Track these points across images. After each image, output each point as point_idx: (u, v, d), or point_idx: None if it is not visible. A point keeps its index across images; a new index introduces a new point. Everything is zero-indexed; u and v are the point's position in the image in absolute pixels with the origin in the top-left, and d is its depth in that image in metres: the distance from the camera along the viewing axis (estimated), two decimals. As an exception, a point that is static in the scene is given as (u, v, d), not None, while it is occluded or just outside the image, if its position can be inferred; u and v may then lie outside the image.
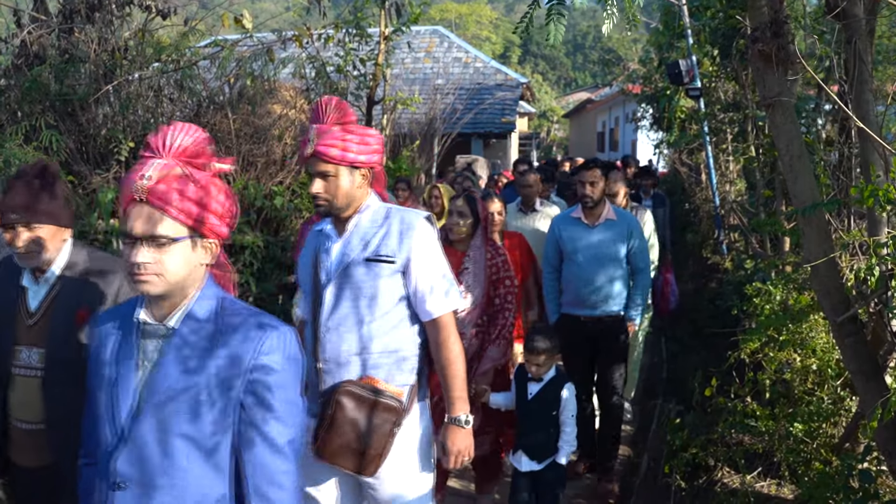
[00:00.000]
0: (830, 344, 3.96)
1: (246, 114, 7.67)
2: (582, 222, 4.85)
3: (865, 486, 2.82)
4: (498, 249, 4.30)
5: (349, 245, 2.65)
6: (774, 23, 2.84)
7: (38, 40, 7.44)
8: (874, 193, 2.35)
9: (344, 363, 2.62)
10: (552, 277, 5.02)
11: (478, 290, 4.12)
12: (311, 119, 2.60)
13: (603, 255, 4.78)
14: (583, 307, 4.86)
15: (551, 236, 5.01)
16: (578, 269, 4.83)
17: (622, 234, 4.81)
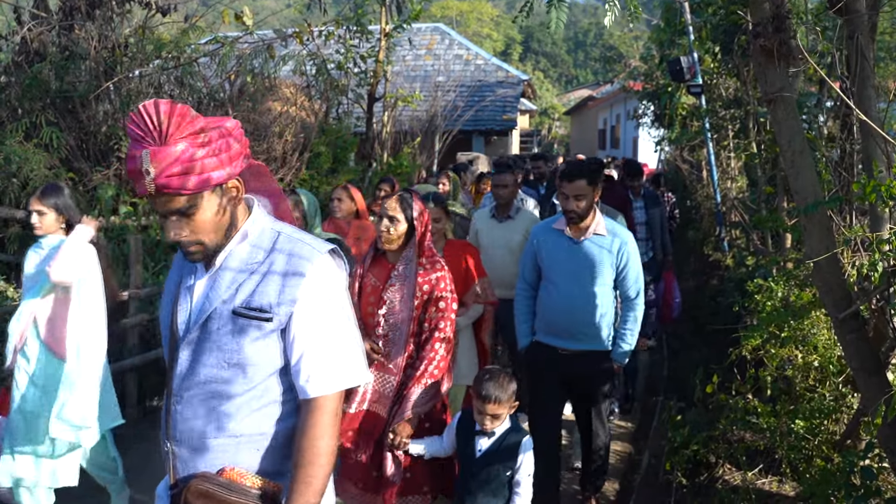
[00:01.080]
0: (832, 340, 3.95)
1: (246, 111, 7.67)
2: (565, 235, 4.06)
3: (867, 483, 2.81)
4: (435, 263, 3.54)
5: (215, 287, 1.95)
6: (776, 18, 2.82)
7: (38, 37, 7.44)
8: (877, 189, 2.34)
9: (198, 448, 1.96)
10: (526, 296, 4.30)
11: (404, 312, 3.43)
12: (136, 139, 1.80)
13: (587, 277, 4.02)
14: (561, 337, 4.07)
15: (529, 248, 4.29)
16: (557, 290, 4.07)
17: (612, 252, 4.01)
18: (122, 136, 7.05)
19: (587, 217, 3.99)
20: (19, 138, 6.77)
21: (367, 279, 3.64)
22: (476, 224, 5.54)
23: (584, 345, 4.04)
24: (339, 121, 9.57)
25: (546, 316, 4.14)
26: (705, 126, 8.76)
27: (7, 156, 6.53)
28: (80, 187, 7.10)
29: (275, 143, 7.74)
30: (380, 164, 9.73)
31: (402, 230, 3.46)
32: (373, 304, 3.54)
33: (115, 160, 7.14)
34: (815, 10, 5.13)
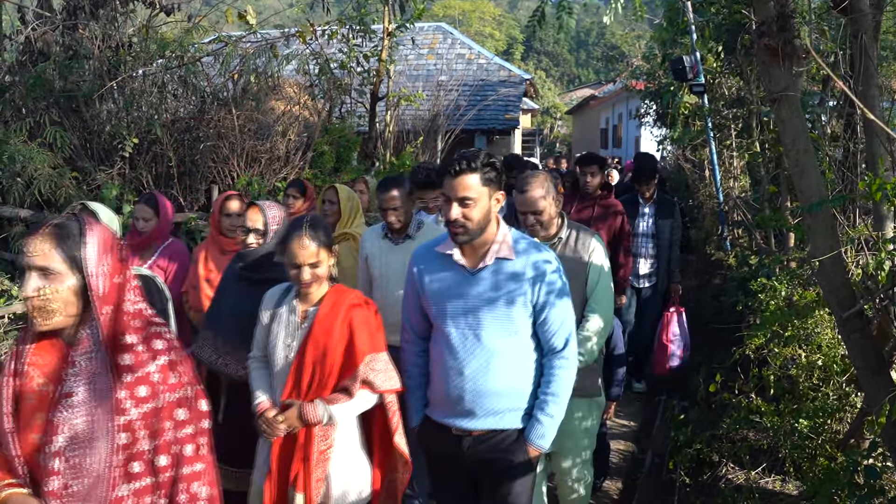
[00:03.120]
0: (836, 340, 3.95)
1: (250, 110, 7.68)
2: (454, 262, 2.89)
3: (871, 483, 2.82)
4: (153, 339, 2.12)
5: None
6: (781, 17, 2.83)
7: (42, 37, 7.46)
8: (882, 187, 2.34)
9: None
10: (415, 350, 3.12)
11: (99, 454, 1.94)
12: None
13: (488, 322, 2.84)
14: (454, 412, 2.94)
15: (409, 280, 3.07)
16: (447, 344, 2.90)
17: (524, 283, 2.83)
18: (125, 135, 7.06)
19: (483, 232, 2.83)
20: (23, 137, 6.79)
21: (25, 378, 1.98)
22: (365, 247, 4.29)
23: (487, 423, 2.91)
24: (343, 120, 9.58)
25: (434, 381, 3.01)
26: (708, 125, 8.75)
27: (11, 155, 6.55)
28: (84, 186, 7.11)
29: (278, 142, 7.74)
30: (383, 163, 9.73)
31: (65, 291, 1.92)
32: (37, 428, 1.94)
33: (119, 159, 7.16)
34: (819, 9, 5.13)
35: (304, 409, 2.85)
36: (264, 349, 3.13)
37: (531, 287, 2.84)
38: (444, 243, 2.94)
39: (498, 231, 2.90)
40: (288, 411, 2.87)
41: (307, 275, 2.92)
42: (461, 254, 2.89)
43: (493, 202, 2.85)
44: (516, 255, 2.86)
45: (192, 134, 7.65)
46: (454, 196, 2.77)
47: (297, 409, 2.86)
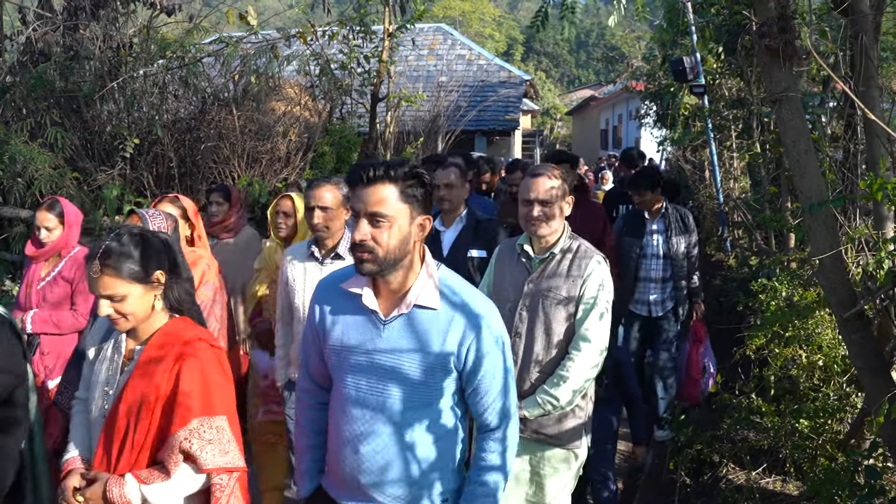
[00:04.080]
0: (836, 340, 3.96)
1: (250, 111, 7.69)
2: (364, 307, 2.27)
3: (871, 483, 2.82)
4: None
5: None
6: (781, 18, 2.83)
7: (43, 37, 7.47)
8: (882, 187, 2.35)
9: None
10: (309, 404, 2.50)
11: None
12: None
13: (398, 388, 2.24)
14: (351, 495, 2.32)
15: (310, 320, 2.42)
16: (344, 409, 2.30)
17: (448, 341, 2.20)
18: (126, 135, 7.07)
19: (398, 266, 2.19)
20: (24, 138, 6.79)
21: None
22: (286, 269, 3.69)
23: None
24: (343, 121, 9.58)
25: (329, 449, 2.38)
26: (708, 126, 8.75)
27: (12, 155, 6.55)
28: (85, 187, 7.12)
29: (279, 142, 7.75)
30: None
31: None
32: None
33: (120, 160, 7.16)
34: (819, 10, 5.14)
35: (109, 486, 2.20)
36: (87, 391, 2.50)
37: (458, 347, 2.20)
38: (352, 278, 2.29)
39: (423, 269, 2.24)
40: (91, 487, 2.23)
41: (105, 309, 2.27)
42: (373, 294, 2.25)
43: (416, 229, 2.18)
44: (444, 303, 2.22)
45: (193, 134, 7.66)
46: (363, 210, 2.13)
47: (101, 484, 2.22)
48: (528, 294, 3.12)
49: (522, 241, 3.22)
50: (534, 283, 3.13)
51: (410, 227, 2.16)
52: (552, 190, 3.10)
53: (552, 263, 3.13)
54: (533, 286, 3.13)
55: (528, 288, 3.13)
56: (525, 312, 3.11)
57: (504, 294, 3.18)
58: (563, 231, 3.18)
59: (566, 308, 3.06)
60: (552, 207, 3.10)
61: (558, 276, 3.10)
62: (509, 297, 3.15)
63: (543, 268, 3.14)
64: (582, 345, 3.02)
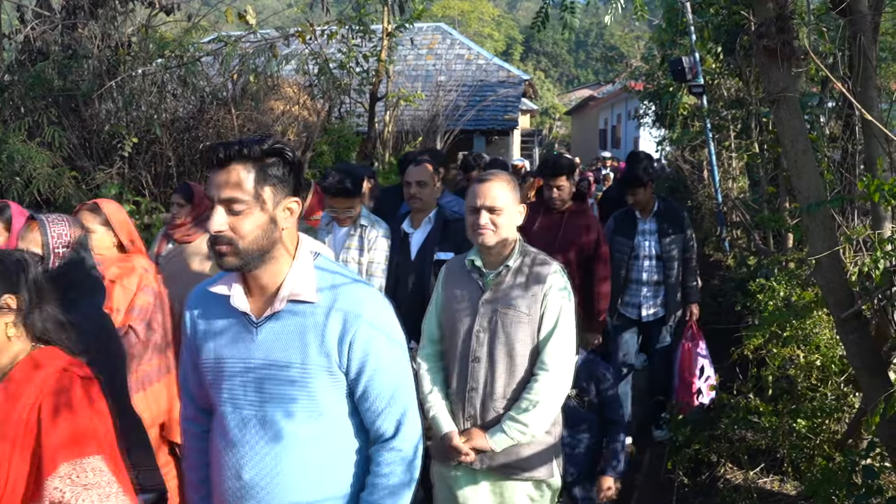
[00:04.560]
0: (834, 340, 3.96)
1: (249, 110, 7.68)
2: (234, 309, 2.00)
3: (868, 482, 2.83)
4: None
5: None
6: (780, 18, 2.84)
7: (41, 36, 7.45)
8: (880, 188, 2.35)
9: None
10: (196, 432, 2.21)
11: None
12: None
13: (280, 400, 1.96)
14: None
15: (184, 335, 2.16)
16: (223, 431, 2.03)
17: (323, 338, 1.94)
18: (124, 134, 7.06)
19: (265, 258, 1.93)
20: (22, 137, 6.78)
21: None
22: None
23: None
24: (342, 120, 9.59)
25: (214, 479, 2.09)
26: (707, 126, 8.76)
27: (10, 154, 6.54)
28: (83, 186, 7.11)
29: (277, 142, 7.75)
30: (382, 163, 9.74)
31: None
32: None
33: (118, 159, 7.15)
34: (817, 10, 5.14)
35: None
36: None
37: (339, 343, 1.91)
38: (221, 279, 2.01)
39: (295, 259, 1.97)
40: None
41: None
42: (244, 294, 1.97)
43: (282, 213, 1.92)
44: (322, 295, 1.94)
45: (192, 133, 7.65)
46: (217, 196, 1.86)
47: None
48: (485, 314, 2.83)
49: (472, 255, 2.92)
50: (489, 301, 2.84)
51: (275, 211, 1.90)
52: (502, 196, 2.81)
53: (507, 278, 2.85)
54: (489, 305, 2.84)
55: (484, 307, 2.84)
56: (483, 334, 2.82)
57: (457, 315, 2.89)
58: (516, 241, 2.91)
59: (528, 326, 2.79)
60: (501, 215, 2.81)
61: (516, 292, 2.82)
62: (463, 319, 2.87)
63: (498, 283, 2.85)
64: (550, 364, 2.76)
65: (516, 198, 2.88)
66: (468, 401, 2.86)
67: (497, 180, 2.85)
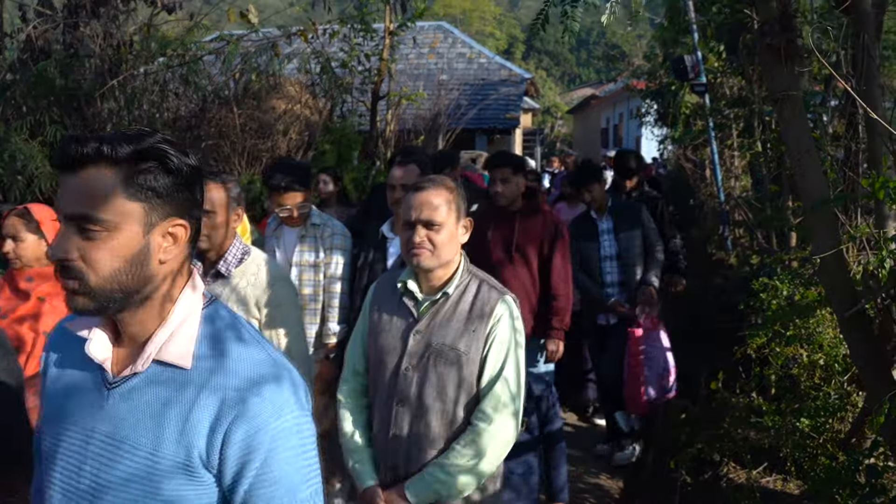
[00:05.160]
0: (837, 339, 3.95)
1: (251, 109, 7.69)
2: (90, 362, 1.41)
3: (872, 482, 2.82)
4: None
5: None
6: (783, 17, 2.83)
7: (43, 35, 7.46)
8: (885, 186, 2.34)
9: None
10: None
11: None
12: None
13: (120, 497, 1.35)
14: None
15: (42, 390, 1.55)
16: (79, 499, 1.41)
17: (195, 423, 1.34)
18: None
19: (135, 299, 1.37)
20: (24, 136, 6.79)
21: None
22: None
23: None
24: (344, 119, 9.58)
25: None
26: (709, 125, 8.75)
27: (12, 153, 6.55)
28: (86, 185, 7.11)
29: (279, 141, 7.74)
30: (383, 162, 9.74)
31: None
32: None
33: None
34: (820, 8, 5.14)
35: None
36: None
37: (209, 434, 1.34)
38: (78, 320, 1.45)
39: (177, 305, 1.41)
40: None
41: None
42: (107, 340, 1.43)
43: (160, 240, 1.37)
44: (201, 361, 1.39)
45: (194, 133, 7.66)
46: (65, 211, 1.32)
47: None
48: (416, 349, 2.39)
49: (405, 277, 2.45)
50: (422, 333, 2.39)
51: (147, 238, 1.34)
52: (441, 209, 2.35)
53: (446, 307, 2.40)
54: (421, 338, 2.39)
55: (415, 340, 2.39)
56: (412, 373, 2.38)
57: (383, 347, 2.45)
58: (459, 264, 2.46)
59: (467, 367, 2.35)
60: (441, 232, 2.35)
61: (455, 325, 2.37)
62: (390, 352, 2.43)
63: (434, 313, 2.40)
64: (492, 415, 2.32)
65: (461, 210, 2.42)
66: (390, 449, 2.41)
67: (435, 189, 2.38)
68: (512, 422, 2.36)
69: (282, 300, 2.84)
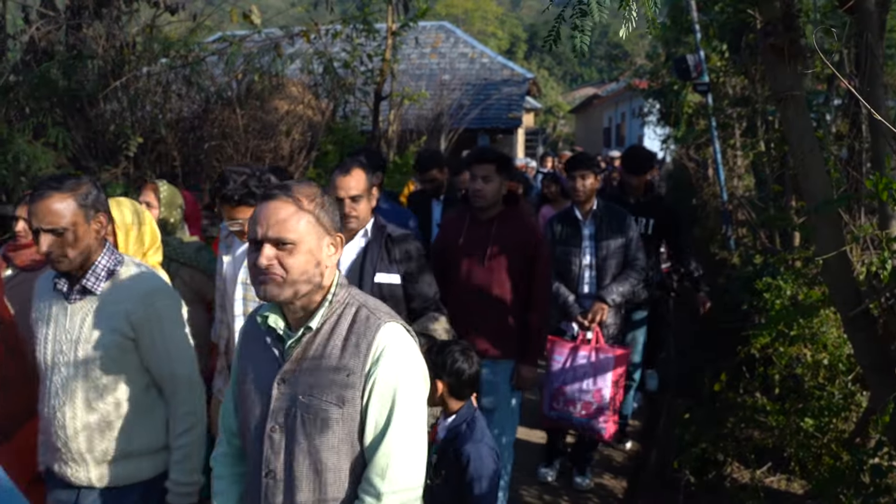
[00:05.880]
0: (841, 339, 3.95)
1: (254, 109, 7.70)
2: None
3: (876, 481, 2.82)
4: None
5: None
6: (786, 17, 2.83)
7: (46, 36, 7.46)
8: (888, 186, 2.34)
9: None
10: None
11: None
12: None
13: None
14: None
15: None
16: None
17: None
18: (129, 134, 7.07)
19: None
20: (28, 137, 6.80)
21: None
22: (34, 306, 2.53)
23: None
24: (346, 119, 9.60)
25: None
26: (712, 124, 8.75)
27: (15, 154, 6.55)
28: (89, 186, 7.12)
29: (282, 141, 7.75)
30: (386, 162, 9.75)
31: None
32: None
33: (123, 159, 7.17)
34: (824, 8, 5.13)
35: None
36: None
37: None
38: None
39: None
40: None
41: None
42: None
43: None
44: None
45: (197, 133, 7.67)
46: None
47: None
48: (280, 404, 1.87)
49: (267, 310, 1.93)
50: (288, 381, 1.86)
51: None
52: (293, 222, 1.81)
53: (314, 347, 1.87)
54: (286, 389, 1.86)
55: (279, 392, 1.87)
56: (278, 435, 1.86)
57: (247, 403, 1.96)
58: (331, 288, 1.91)
59: (343, 423, 1.82)
60: (296, 252, 1.81)
61: (325, 369, 1.84)
62: (254, 410, 1.92)
63: (301, 355, 1.87)
64: (380, 486, 1.81)
65: (326, 223, 1.88)
66: None
67: (286, 197, 1.84)
68: (411, 494, 1.85)
69: (161, 315, 2.44)
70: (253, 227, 1.84)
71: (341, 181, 3.20)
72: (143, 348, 2.41)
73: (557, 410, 4.28)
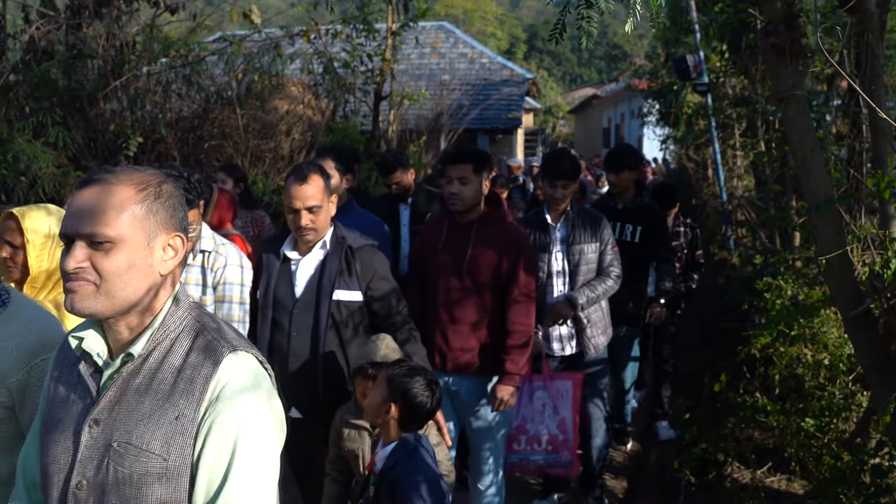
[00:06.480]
0: (842, 339, 3.95)
1: (254, 109, 7.70)
2: None
3: (877, 481, 2.82)
4: None
5: None
6: (787, 16, 2.83)
7: (46, 36, 7.46)
8: (890, 185, 2.34)
9: None
10: None
11: None
12: None
13: None
14: None
15: None
16: None
17: None
18: (129, 134, 7.07)
19: None
20: (27, 137, 6.79)
21: None
22: None
23: None
24: (346, 119, 9.60)
25: None
26: (711, 124, 8.75)
27: (15, 154, 6.55)
28: (88, 185, 7.11)
29: (282, 141, 7.75)
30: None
31: None
32: None
33: (123, 158, 7.16)
34: (824, 8, 5.13)
35: None
36: None
37: None
38: None
39: None
40: None
41: None
42: None
43: None
44: None
45: (197, 133, 7.67)
46: None
47: None
48: (91, 452, 1.45)
49: (84, 328, 1.52)
50: (102, 423, 1.45)
51: None
52: (113, 214, 1.41)
53: (138, 379, 1.46)
54: (99, 432, 1.44)
55: (90, 437, 1.45)
56: (85, 492, 1.44)
57: (50, 448, 1.51)
58: (163, 306, 1.50)
59: (167, 479, 1.42)
60: (113, 252, 1.40)
61: (148, 409, 1.43)
62: (59, 457, 1.48)
63: (121, 389, 1.46)
64: None
65: (162, 221, 1.47)
66: None
67: (106, 184, 1.44)
68: None
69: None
70: (63, 221, 1.43)
71: (297, 190, 2.96)
72: None
73: (518, 453, 3.89)
